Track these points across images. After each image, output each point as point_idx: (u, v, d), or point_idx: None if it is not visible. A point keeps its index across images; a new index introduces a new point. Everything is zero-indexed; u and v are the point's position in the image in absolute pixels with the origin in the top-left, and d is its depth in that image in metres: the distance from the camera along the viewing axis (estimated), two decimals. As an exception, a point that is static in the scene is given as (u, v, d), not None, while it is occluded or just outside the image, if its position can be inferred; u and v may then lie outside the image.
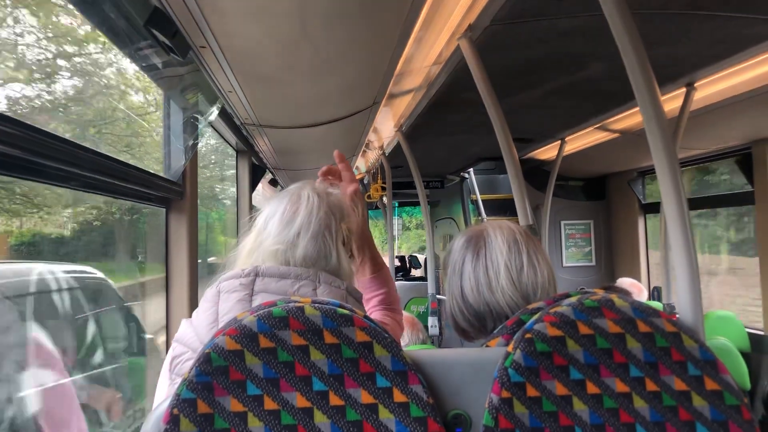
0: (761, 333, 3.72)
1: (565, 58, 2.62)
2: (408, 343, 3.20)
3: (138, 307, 2.63)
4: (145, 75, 2.04)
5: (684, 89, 2.92)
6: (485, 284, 1.28)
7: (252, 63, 1.91)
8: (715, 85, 2.86)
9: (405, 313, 3.82)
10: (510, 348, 1.00)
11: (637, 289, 4.19)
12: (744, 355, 3.56)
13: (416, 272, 9.32)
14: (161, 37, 1.40)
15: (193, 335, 1.15)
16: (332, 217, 1.27)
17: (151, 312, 2.58)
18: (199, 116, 2.25)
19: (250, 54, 1.83)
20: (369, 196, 6.49)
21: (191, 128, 2.16)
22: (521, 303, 1.24)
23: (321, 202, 1.28)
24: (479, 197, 6.29)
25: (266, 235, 1.26)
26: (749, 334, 3.71)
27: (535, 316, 1.03)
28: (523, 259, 1.27)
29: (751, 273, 4.47)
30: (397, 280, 8.12)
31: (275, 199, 1.33)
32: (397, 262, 8.36)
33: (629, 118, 3.62)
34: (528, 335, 1.00)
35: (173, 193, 2.05)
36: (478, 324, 1.30)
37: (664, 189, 1.34)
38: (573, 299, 1.05)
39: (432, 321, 4.85)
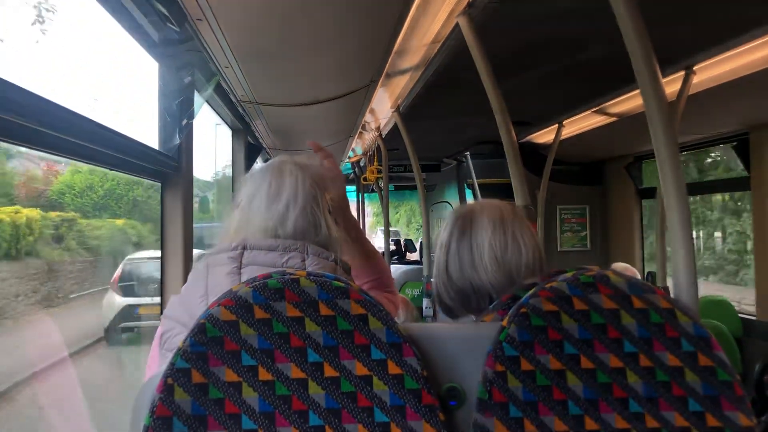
0: (754, 318, 3.74)
1: (565, 40, 2.61)
2: (405, 320, 3.21)
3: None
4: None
5: (683, 73, 2.90)
6: (468, 262, 1.29)
7: (249, 37, 1.89)
8: (714, 69, 2.85)
9: (399, 294, 3.83)
10: (505, 322, 1.00)
11: (631, 273, 4.20)
12: (736, 340, 3.59)
13: (411, 256, 9.33)
14: (158, 6, 1.38)
15: (182, 310, 1.15)
16: (317, 188, 1.28)
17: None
18: (194, 93, 2.24)
19: (248, 28, 1.81)
20: (365, 179, 6.46)
21: (187, 104, 2.15)
22: (503, 281, 1.26)
23: (305, 175, 1.28)
24: (476, 181, 6.28)
25: (254, 212, 1.25)
26: (742, 319, 3.73)
27: (531, 291, 1.03)
28: (507, 238, 1.28)
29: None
30: (392, 263, 8.13)
31: (255, 176, 1.32)
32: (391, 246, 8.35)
33: (627, 102, 3.61)
34: (523, 310, 1.00)
35: (169, 167, 2.04)
36: (460, 300, 1.32)
37: (663, 172, 1.34)
38: (568, 275, 1.05)
39: (426, 302, 4.87)
